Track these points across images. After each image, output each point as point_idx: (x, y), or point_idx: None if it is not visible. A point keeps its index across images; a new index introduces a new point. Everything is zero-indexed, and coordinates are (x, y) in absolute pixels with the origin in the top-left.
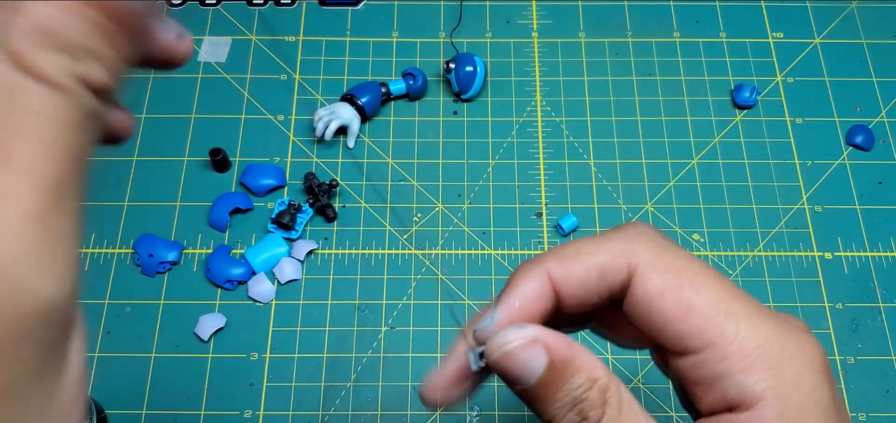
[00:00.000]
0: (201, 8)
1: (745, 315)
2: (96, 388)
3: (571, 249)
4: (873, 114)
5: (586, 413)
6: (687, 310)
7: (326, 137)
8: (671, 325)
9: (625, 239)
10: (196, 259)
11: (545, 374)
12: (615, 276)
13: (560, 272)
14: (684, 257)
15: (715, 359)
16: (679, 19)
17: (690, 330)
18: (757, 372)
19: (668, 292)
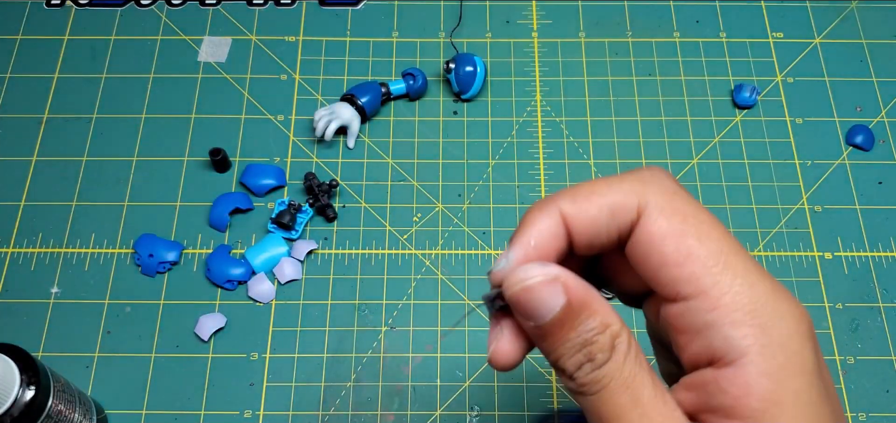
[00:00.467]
0: (201, 8)
1: (742, 270)
2: (96, 388)
3: (584, 188)
4: (873, 114)
5: (594, 355)
6: (686, 256)
7: (326, 137)
8: (668, 268)
9: (637, 181)
10: (196, 259)
11: (560, 313)
12: (625, 216)
13: (572, 211)
14: (693, 204)
15: (705, 308)
16: (679, 19)
17: (686, 276)
18: (745, 327)
19: (671, 235)
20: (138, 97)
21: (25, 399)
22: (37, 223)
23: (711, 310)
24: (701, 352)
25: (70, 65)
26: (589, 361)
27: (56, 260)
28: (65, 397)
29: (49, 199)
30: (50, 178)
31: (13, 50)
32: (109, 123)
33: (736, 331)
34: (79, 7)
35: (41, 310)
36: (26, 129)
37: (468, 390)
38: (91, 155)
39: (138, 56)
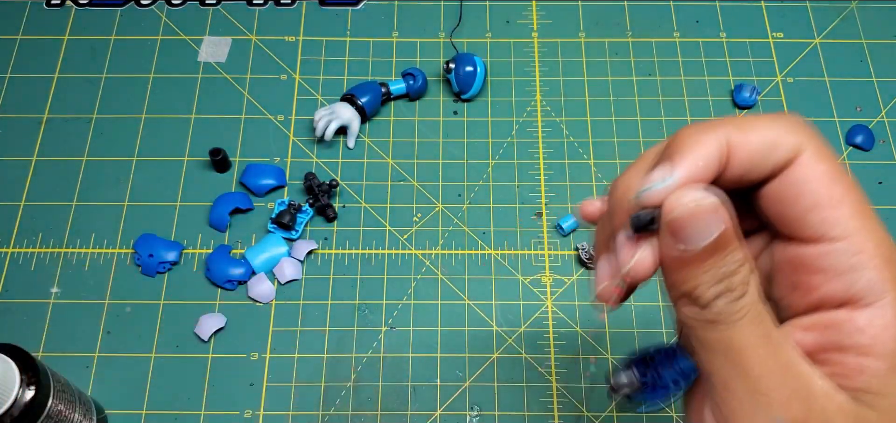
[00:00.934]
0: (201, 8)
1: (877, 219)
2: (96, 388)
3: (748, 120)
4: (873, 114)
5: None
6: (839, 199)
7: (326, 137)
8: (819, 210)
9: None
10: (196, 259)
11: (714, 241)
12: (782, 153)
13: (739, 140)
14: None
15: (850, 251)
16: (679, 19)
17: (834, 219)
18: (888, 271)
19: (827, 178)
20: (138, 97)
21: (25, 399)
22: (37, 223)
23: (857, 253)
24: (835, 294)
25: (70, 65)
26: (728, 291)
27: (56, 260)
28: (65, 397)
29: (49, 199)
30: (50, 178)
31: (13, 50)
32: (109, 123)
33: (879, 274)
34: (79, 7)
35: (41, 310)
36: (26, 129)
37: (468, 390)
38: (91, 155)
39: (138, 56)
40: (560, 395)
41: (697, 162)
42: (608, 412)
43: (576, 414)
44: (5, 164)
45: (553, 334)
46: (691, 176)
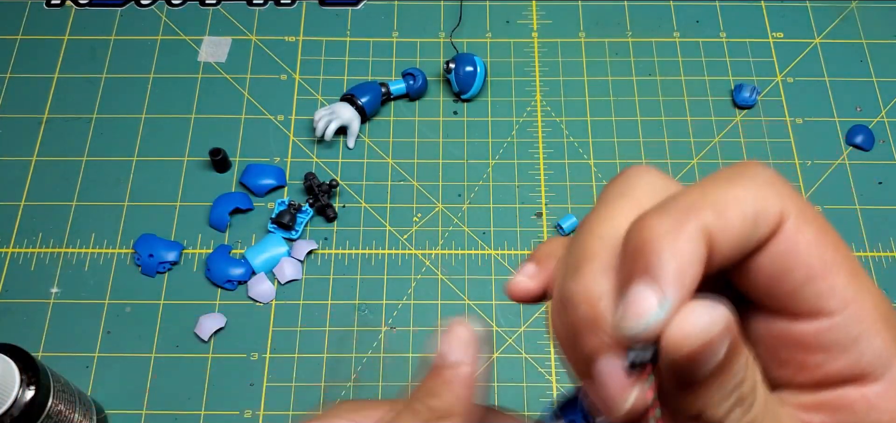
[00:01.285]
0: (201, 8)
1: (869, 277)
2: (96, 388)
3: (721, 193)
4: (873, 114)
5: (745, 397)
6: (833, 266)
7: (326, 137)
8: (813, 283)
9: (768, 179)
10: (196, 259)
11: (723, 358)
12: (766, 226)
13: (719, 227)
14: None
15: (851, 322)
16: (679, 19)
17: (832, 289)
18: (887, 333)
19: (816, 244)
20: (138, 97)
21: (25, 399)
22: (37, 223)
23: (858, 323)
24: (840, 371)
25: (70, 65)
26: (739, 404)
27: (56, 260)
28: (65, 397)
29: (49, 199)
30: (50, 178)
31: (13, 50)
32: (109, 123)
33: (884, 341)
34: (79, 7)
35: (41, 310)
36: (26, 129)
37: None
38: (91, 155)
39: (138, 56)
40: (560, 396)
41: (686, 278)
42: None
43: None
44: (5, 164)
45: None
46: (686, 298)
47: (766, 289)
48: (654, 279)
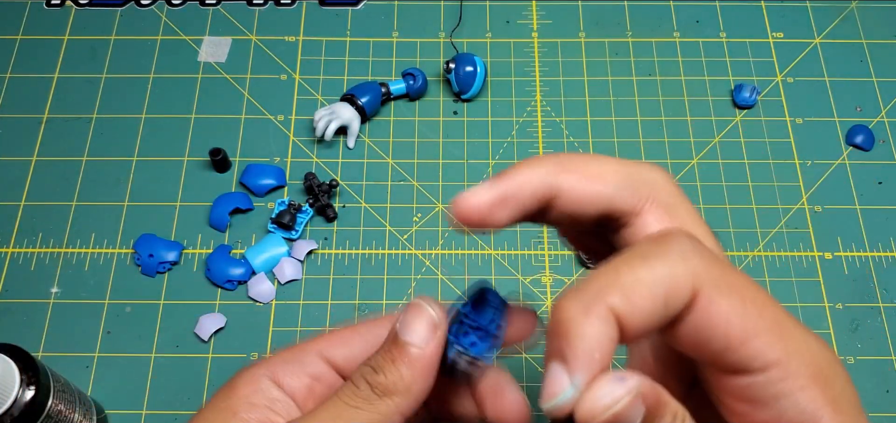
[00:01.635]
0: (201, 8)
1: (798, 333)
2: (96, 388)
3: (629, 272)
4: (873, 114)
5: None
6: (753, 332)
7: (326, 137)
8: (732, 351)
9: (681, 255)
10: (196, 259)
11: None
12: (679, 300)
13: (626, 309)
14: (737, 272)
15: (776, 379)
16: (679, 19)
17: (754, 352)
18: (814, 389)
19: (733, 314)
20: (138, 97)
21: (25, 399)
22: (37, 223)
23: (782, 380)
24: (770, 421)
25: (70, 65)
26: None
27: (56, 260)
28: (65, 397)
29: (49, 199)
30: (50, 178)
31: (13, 50)
32: (109, 123)
33: (809, 397)
34: (79, 7)
35: (41, 310)
36: (26, 129)
37: None
38: (91, 155)
39: (138, 56)
40: None
41: (594, 358)
42: None
43: None
44: (5, 164)
45: None
46: (593, 376)
47: (693, 353)
48: (565, 361)
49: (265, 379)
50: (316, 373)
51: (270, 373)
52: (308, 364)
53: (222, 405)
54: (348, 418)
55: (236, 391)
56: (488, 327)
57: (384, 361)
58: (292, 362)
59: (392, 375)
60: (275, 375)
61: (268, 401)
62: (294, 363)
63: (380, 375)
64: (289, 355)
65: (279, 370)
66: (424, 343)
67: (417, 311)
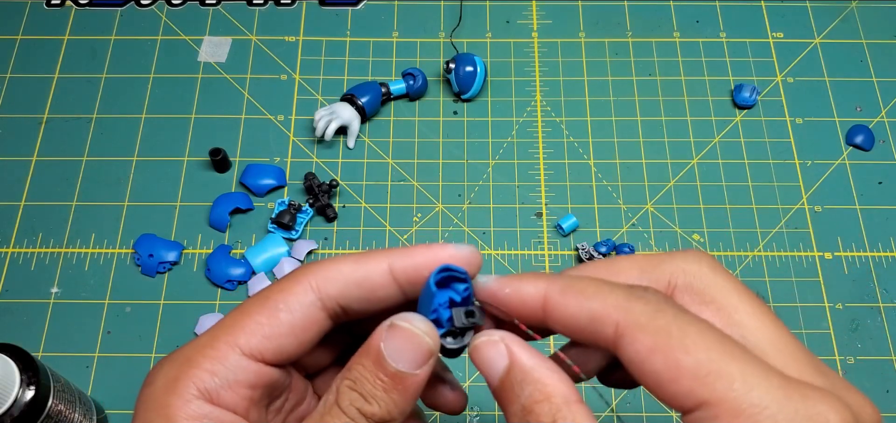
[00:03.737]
0: (201, 8)
1: (739, 375)
2: (96, 388)
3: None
4: (873, 114)
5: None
6: (676, 370)
7: (326, 137)
8: (665, 385)
9: (610, 299)
10: (196, 259)
11: (505, 376)
12: (606, 331)
13: (556, 301)
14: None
15: (709, 417)
16: (679, 19)
17: (683, 391)
18: None
19: (658, 352)
20: (138, 97)
21: (25, 399)
22: (37, 223)
23: (714, 419)
24: None
25: (70, 65)
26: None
27: (56, 260)
28: (65, 397)
29: (49, 199)
30: (50, 178)
31: (13, 50)
32: (109, 123)
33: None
34: (79, 7)
35: (41, 310)
36: (26, 129)
37: (468, 390)
38: (91, 155)
39: (138, 56)
40: None
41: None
42: (608, 412)
43: None
44: (5, 164)
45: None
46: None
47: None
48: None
49: (202, 403)
50: (251, 379)
51: (203, 392)
52: (238, 370)
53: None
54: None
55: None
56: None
57: (374, 388)
58: (221, 374)
59: (386, 404)
60: (209, 393)
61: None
62: (224, 375)
63: (373, 405)
64: (211, 365)
65: (209, 385)
66: (419, 370)
67: (407, 337)
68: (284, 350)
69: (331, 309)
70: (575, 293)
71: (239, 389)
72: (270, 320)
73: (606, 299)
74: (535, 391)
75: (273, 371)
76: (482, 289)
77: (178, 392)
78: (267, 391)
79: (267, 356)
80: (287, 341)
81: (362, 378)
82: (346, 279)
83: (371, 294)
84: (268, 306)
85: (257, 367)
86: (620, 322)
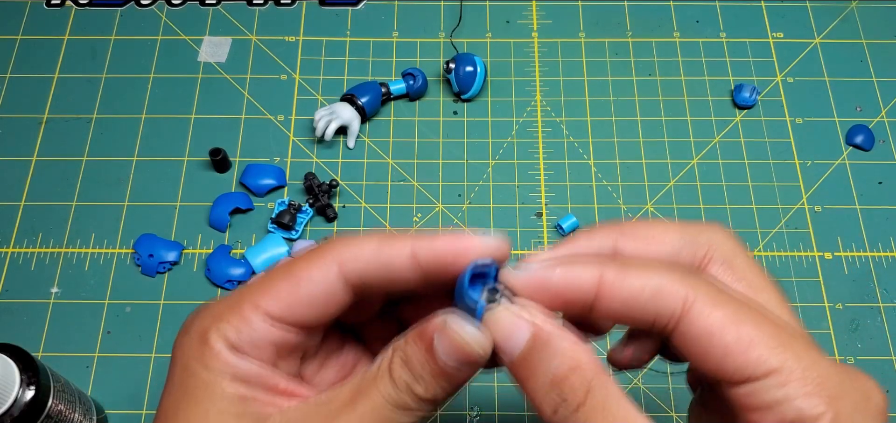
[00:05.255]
0: (201, 8)
1: (803, 348)
2: (96, 388)
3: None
4: (873, 114)
5: (566, 395)
6: (748, 342)
7: (326, 137)
8: (732, 357)
9: (678, 272)
10: (196, 259)
11: (527, 348)
12: (669, 303)
13: (613, 279)
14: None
15: (776, 385)
16: (679, 19)
17: (752, 360)
18: (816, 398)
19: (729, 323)
20: (138, 97)
21: (25, 399)
22: (37, 223)
23: (782, 386)
24: None
25: (70, 65)
26: (563, 401)
27: (56, 260)
28: (65, 397)
29: (49, 199)
30: (50, 178)
31: (13, 50)
32: (109, 123)
33: (807, 402)
34: (79, 7)
35: (41, 310)
36: (26, 129)
37: (468, 390)
38: (91, 155)
39: (138, 56)
40: None
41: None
42: None
43: None
44: (5, 164)
45: None
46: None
47: (695, 362)
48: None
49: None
50: (275, 341)
51: (226, 342)
52: (258, 329)
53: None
54: (393, 420)
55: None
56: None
57: (423, 372)
58: (245, 331)
59: (433, 389)
60: (236, 346)
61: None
62: (249, 334)
63: (420, 386)
64: (236, 322)
65: (233, 338)
66: (466, 367)
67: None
68: (305, 320)
69: (352, 285)
70: (637, 270)
71: (263, 347)
72: (292, 290)
73: (672, 275)
74: (565, 361)
75: (297, 335)
76: (524, 281)
77: (210, 343)
78: (293, 349)
79: (288, 322)
80: (307, 311)
81: (414, 360)
82: (368, 260)
83: (393, 276)
84: (291, 276)
85: (279, 330)
86: (689, 296)
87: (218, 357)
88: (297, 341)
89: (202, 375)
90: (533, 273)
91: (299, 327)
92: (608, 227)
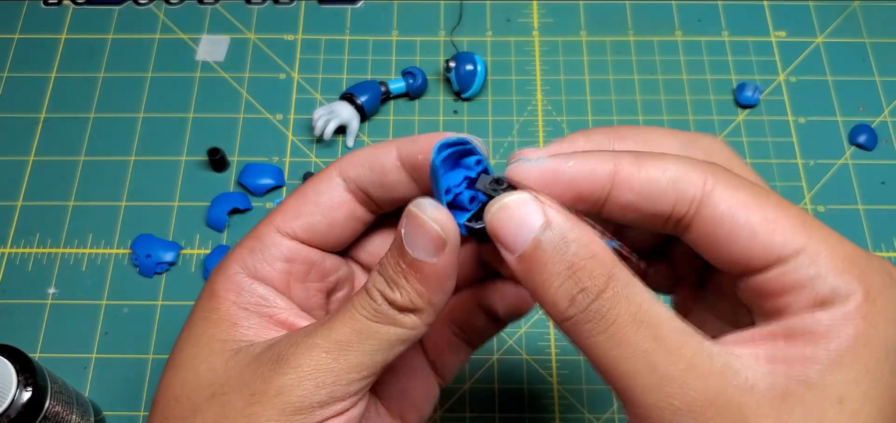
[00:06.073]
0: (199, 6)
1: (827, 229)
2: (94, 389)
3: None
4: (876, 113)
5: (584, 282)
6: (775, 222)
7: (325, 137)
8: (759, 238)
9: (695, 161)
10: (194, 260)
11: (537, 238)
12: (689, 190)
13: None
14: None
15: (806, 264)
16: (681, 18)
17: (779, 241)
18: (847, 274)
19: (752, 204)
20: (136, 96)
21: (22, 401)
22: (34, 223)
23: (812, 264)
24: (802, 308)
25: (67, 64)
26: (581, 290)
27: (53, 260)
28: (62, 398)
29: (46, 199)
30: (47, 178)
31: (10, 49)
32: (107, 123)
33: (840, 278)
34: (76, 6)
35: (38, 311)
36: (23, 128)
37: (468, 392)
38: (88, 155)
39: (136, 55)
40: (561, 397)
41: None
42: (609, 414)
43: (577, 416)
44: (2, 164)
45: (554, 336)
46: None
47: (720, 254)
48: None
49: (243, 277)
50: (285, 254)
51: (245, 268)
52: (273, 246)
53: (213, 316)
54: (374, 334)
55: (219, 297)
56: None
57: (396, 275)
58: (259, 249)
59: (407, 292)
60: (250, 269)
61: (256, 301)
62: (261, 251)
63: (395, 292)
64: (252, 243)
65: (249, 262)
66: (435, 258)
67: (419, 225)
68: (315, 228)
69: (354, 192)
70: (654, 159)
71: (275, 262)
72: (300, 201)
73: (689, 162)
74: (582, 249)
75: (310, 250)
76: (537, 172)
77: (224, 270)
78: (308, 270)
79: (299, 233)
80: (316, 219)
81: (387, 264)
82: (361, 162)
83: (383, 178)
84: (301, 193)
85: (291, 243)
86: (708, 181)
87: (228, 282)
88: (310, 260)
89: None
90: (545, 165)
91: (310, 239)
92: (606, 128)
